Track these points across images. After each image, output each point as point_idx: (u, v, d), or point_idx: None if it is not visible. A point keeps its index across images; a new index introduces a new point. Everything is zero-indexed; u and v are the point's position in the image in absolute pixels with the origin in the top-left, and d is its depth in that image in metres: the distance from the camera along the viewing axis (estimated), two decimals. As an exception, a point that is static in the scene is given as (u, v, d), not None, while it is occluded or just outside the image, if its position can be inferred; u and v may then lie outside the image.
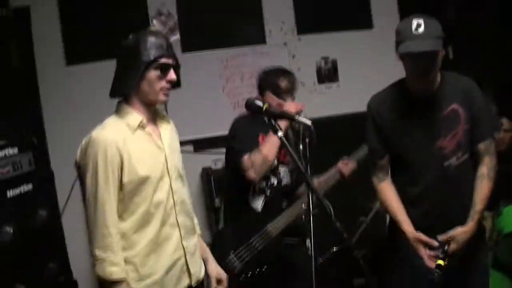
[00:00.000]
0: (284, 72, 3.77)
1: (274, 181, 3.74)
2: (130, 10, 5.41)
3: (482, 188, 2.99)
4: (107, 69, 5.06)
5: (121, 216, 2.58)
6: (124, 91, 2.66)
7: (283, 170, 3.78)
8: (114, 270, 2.49)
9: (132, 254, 2.59)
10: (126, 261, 2.56)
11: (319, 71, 6.01)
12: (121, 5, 5.39)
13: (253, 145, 3.53)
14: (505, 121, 4.61)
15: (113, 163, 2.52)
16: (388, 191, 3.13)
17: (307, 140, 2.77)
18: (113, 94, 2.71)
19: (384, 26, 6.03)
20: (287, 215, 3.67)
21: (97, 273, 2.52)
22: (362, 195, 5.59)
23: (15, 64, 4.56)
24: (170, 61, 2.63)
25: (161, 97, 2.64)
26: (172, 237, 2.70)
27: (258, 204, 3.70)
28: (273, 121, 2.60)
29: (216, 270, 2.98)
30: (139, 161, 2.58)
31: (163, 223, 2.65)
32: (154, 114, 2.77)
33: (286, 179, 3.79)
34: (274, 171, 3.73)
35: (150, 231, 2.62)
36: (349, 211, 5.42)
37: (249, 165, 3.46)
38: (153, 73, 2.58)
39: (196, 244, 2.88)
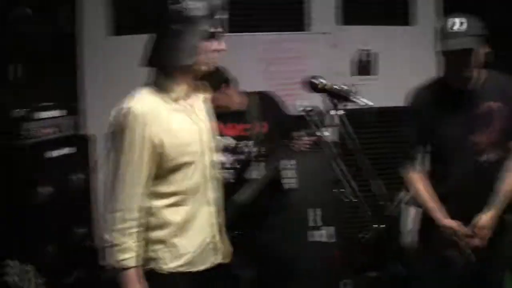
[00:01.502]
0: None
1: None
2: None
3: (508, 180, 3.05)
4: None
5: (154, 193, 2.45)
6: (177, 63, 2.44)
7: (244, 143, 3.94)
8: (127, 257, 2.36)
9: (165, 233, 2.47)
10: (158, 240, 2.46)
11: (359, 63, 6.02)
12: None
13: None
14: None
15: (151, 140, 2.36)
16: (420, 181, 3.20)
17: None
18: (156, 63, 2.50)
19: (425, 23, 6.06)
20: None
21: (108, 259, 2.42)
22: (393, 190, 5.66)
23: (64, 29, 4.63)
24: (220, 29, 2.45)
25: (209, 64, 2.50)
26: (206, 215, 2.60)
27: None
28: (333, 100, 2.59)
29: None
30: (179, 139, 2.44)
31: (198, 202, 2.55)
32: (193, 86, 2.61)
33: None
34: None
35: (185, 210, 2.51)
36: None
37: None
38: (209, 43, 2.42)
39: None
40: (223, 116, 3.85)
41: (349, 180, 2.50)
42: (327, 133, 2.62)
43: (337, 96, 2.57)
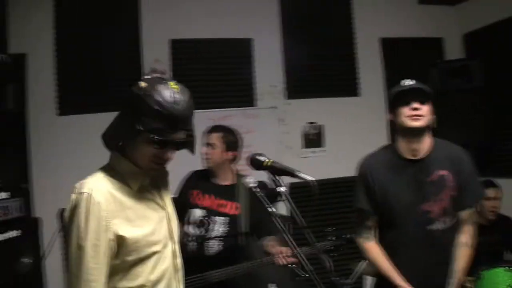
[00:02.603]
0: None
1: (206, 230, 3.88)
2: (124, 65, 5.51)
3: (462, 257, 3.09)
4: (97, 121, 5.22)
5: (119, 281, 2.22)
6: (112, 146, 2.30)
7: (219, 219, 3.88)
8: None
9: None
10: None
11: (305, 136, 6.11)
12: (116, 61, 5.50)
13: (184, 199, 3.86)
14: (490, 191, 4.77)
15: (108, 229, 2.14)
16: (376, 250, 3.20)
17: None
18: (107, 144, 2.32)
19: (370, 94, 6.28)
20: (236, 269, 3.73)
21: None
22: (344, 260, 5.67)
23: (10, 108, 4.60)
24: (171, 137, 2.19)
25: (153, 166, 2.27)
26: None
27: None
28: (275, 177, 2.56)
29: None
30: (141, 228, 2.24)
31: None
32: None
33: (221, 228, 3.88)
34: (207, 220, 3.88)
35: None
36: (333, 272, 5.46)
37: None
38: (146, 144, 2.20)
39: None
40: (205, 185, 3.93)
41: (301, 255, 2.49)
42: (274, 209, 2.61)
43: (280, 172, 2.58)
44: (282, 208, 2.60)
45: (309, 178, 2.45)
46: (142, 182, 2.31)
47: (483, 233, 3.21)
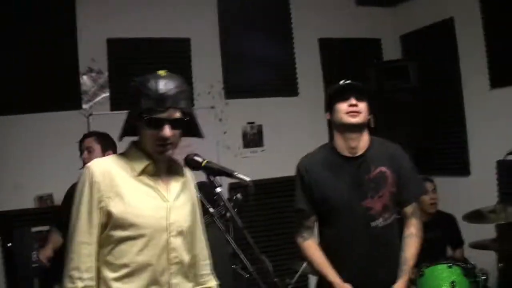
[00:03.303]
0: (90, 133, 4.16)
1: None
2: (60, 65, 5.36)
3: (412, 245, 3.12)
4: (33, 121, 5.16)
5: (105, 262, 2.31)
6: (121, 136, 2.47)
7: None
8: None
9: None
10: None
11: (244, 136, 6.10)
12: (52, 60, 5.31)
13: None
14: (429, 184, 4.87)
15: (100, 201, 2.29)
16: (313, 248, 3.18)
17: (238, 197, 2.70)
18: (120, 136, 2.49)
19: (309, 93, 6.30)
20: None
21: None
22: (287, 257, 5.67)
23: None
24: (162, 115, 2.31)
25: (157, 149, 2.36)
26: None
27: None
28: (211, 177, 2.52)
29: None
30: (131, 208, 2.31)
31: (151, 282, 2.34)
32: (169, 162, 2.50)
33: None
34: None
35: (134, 286, 2.31)
36: (275, 273, 5.45)
37: None
38: (144, 128, 2.35)
39: None
40: None
41: (241, 255, 2.47)
42: (212, 209, 2.58)
43: (217, 172, 2.56)
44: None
45: (246, 178, 2.45)
46: (147, 167, 2.40)
47: (425, 230, 3.25)
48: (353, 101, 3.04)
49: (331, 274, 3.08)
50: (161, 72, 2.40)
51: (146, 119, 2.31)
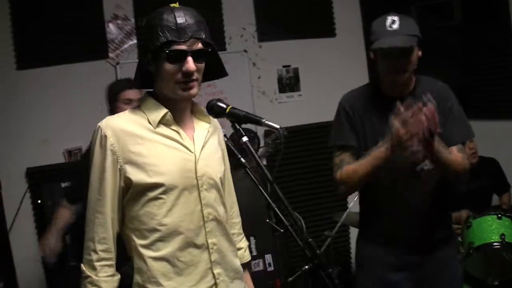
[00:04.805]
0: (129, 82, 3.66)
1: None
2: (85, 14, 5.17)
3: (455, 154, 2.86)
4: (59, 74, 5.04)
5: (133, 229, 2.18)
6: (137, 84, 2.35)
7: None
8: None
9: (144, 279, 2.16)
10: (137, 284, 2.17)
11: (280, 80, 5.85)
12: (75, 9, 5.12)
13: None
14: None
15: (113, 163, 2.13)
16: (351, 165, 2.90)
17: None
18: (135, 84, 2.41)
19: (346, 34, 5.99)
20: None
21: None
22: (326, 207, 5.53)
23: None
24: (184, 47, 2.11)
25: (179, 92, 2.17)
26: (199, 262, 2.21)
27: None
28: (237, 125, 2.30)
29: None
30: (151, 166, 2.13)
31: (185, 245, 2.18)
32: (192, 107, 2.34)
33: None
34: None
35: (169, 252, 2.16)
36: (313, 225, 5.34)
37: None
38: (165, 64, 2.13)
39: (236, 271, 2.38)
40: None
41: (275, 210, 2.27)
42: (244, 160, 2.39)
43: (242, 119, 2.32)
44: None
45: (275, 125, 2.22)
46: (165, 116, 2.20)
47: (469, 179, 3.00)
48: (394, 69, 2.78)
49: (373, 152, 2.78)
50: (175, 5, 2.24)
51: (167, 52, 2.10)
